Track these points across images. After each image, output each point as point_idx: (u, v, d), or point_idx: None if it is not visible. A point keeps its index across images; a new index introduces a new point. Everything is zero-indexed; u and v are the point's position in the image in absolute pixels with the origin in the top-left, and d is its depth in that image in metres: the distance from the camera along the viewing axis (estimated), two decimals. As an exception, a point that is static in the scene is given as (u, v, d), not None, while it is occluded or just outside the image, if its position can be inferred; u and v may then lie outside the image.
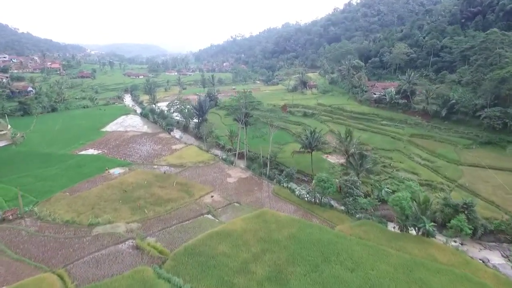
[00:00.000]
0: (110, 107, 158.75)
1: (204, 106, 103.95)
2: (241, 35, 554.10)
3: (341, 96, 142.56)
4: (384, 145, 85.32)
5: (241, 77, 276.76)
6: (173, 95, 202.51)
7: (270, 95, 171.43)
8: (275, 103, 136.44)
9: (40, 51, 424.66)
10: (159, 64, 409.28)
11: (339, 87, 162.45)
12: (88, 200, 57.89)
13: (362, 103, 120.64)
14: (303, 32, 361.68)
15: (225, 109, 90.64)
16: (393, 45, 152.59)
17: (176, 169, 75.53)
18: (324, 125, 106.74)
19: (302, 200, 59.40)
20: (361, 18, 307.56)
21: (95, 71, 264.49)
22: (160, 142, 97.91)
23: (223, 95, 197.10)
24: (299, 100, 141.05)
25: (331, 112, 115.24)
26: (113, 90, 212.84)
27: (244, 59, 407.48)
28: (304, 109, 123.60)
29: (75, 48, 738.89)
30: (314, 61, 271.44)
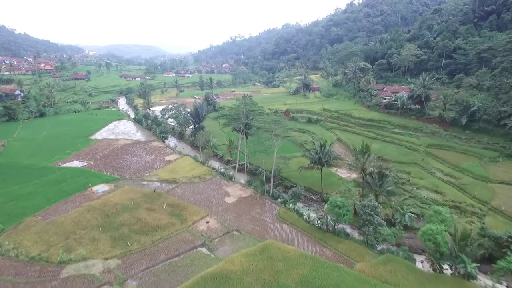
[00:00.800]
0: (102, 111, 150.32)
1: (201, 112, 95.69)
2: (241, 36, 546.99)
3: (347, 100, 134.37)
4: (399, 157, 77.02)
5: (240, 79, 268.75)
6: (170, 98, 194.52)
7: (271, 99, 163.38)
8: (276, 107, 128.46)
9: (37, 52, 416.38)
10: (157, 66, 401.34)
11: (344, 90, 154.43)
12: (63, 227, 49.48)
13: (370, 108, 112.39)
14: (304, 32, 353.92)
15: (223, 118, 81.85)
16: (401, 46, 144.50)
17: (168, 185, 67.18)
18: (330, 133, 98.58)
19: (312, 226, 51.02)
20: (364, 18, 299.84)
21: (90, 73, 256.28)
22: (152, 152, 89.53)
23: (222, 98, 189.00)
24: (302, 104, 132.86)
25: (338, 119, 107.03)
26: (108, 93, 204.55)
27: (243, 60, 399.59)
28: (308, 115, 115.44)
29: (73, 49, 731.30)
30: (316, 63, 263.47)
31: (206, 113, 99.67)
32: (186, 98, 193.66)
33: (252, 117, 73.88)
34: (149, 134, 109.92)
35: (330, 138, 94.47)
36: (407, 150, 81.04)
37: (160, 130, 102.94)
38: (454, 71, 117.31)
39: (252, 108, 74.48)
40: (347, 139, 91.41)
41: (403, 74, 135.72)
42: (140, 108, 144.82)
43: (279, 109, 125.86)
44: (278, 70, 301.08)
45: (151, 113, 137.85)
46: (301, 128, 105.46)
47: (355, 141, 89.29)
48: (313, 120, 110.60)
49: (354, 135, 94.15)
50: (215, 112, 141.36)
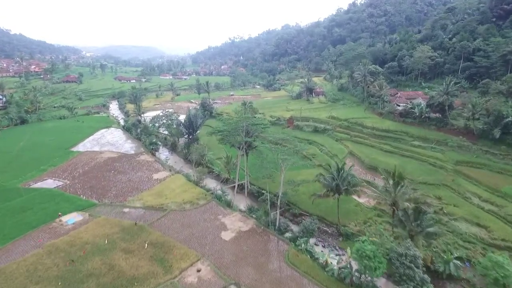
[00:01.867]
0: (90, 118, 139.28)
1: (195, 122, 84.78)
2: (240, 37, 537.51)
3: (355, 106, 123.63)
4: (423, 176, 66.19)
5: (239, 81, 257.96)
6: (165, 102, 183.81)
7: (272, 104, 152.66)
8: (279, 114, 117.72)
9: (30, 53, 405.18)
10: (153, 67, 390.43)
11: (351, 95, 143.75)
12: (11, 282, 38.52)
13: (383, 116, 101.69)
14: (305, 33, 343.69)
15: (218, 134, 70.84)
16: (413, 47, 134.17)
17: (153, 214, 56.21)
18: (341, 145, 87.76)
19: (332, 277, 40.08)
20: (367, 18, 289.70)
21: (82, 75, 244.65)
22: (139, 169, 78.50)
23: (220, 103, 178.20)
24: (307, 111, 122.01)
25: (348, 128, 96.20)
26: (100, 97, 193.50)
27: (242, 61, 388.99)
28: (314, 123, 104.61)
29: (69, 50, 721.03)
30: (318, 65, 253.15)
31: (201, 123, 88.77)
32: (182, 102, 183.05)
33: (254, 133, 62.57)
34: (138, 145, 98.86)
35: (340, 151, 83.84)
36: (431, 167, 70.26)
37: (150, 141, 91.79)
38: (474, 75, 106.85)
39: (253, 122, 62.79)
40: (360, 153, 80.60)
41: (416, 78, 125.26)
42: (132, 114, 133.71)
43: (282, 116, 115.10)
44: (279, 72, 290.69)
45: (142, 120, 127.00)
46: (307, 138, 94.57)
47: (369, 155, 78.69)
48: (320, 129, 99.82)
49: (367, 148, 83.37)
50: (212, 118, 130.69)
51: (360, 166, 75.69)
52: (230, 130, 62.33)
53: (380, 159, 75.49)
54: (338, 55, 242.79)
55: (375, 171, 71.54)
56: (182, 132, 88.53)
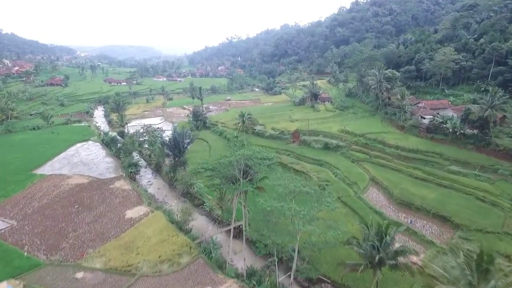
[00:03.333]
0: (68, 128, 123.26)
1: (182, 142, 68.99)
2: (237, 37, 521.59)
3: (369, 117, 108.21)
4: (473, 218, 50.79)
5: (237, 83, 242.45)
6: (156, 108, 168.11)
7: (273, 111, 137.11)
8: (282, 126, 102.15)
9: (17, 54, 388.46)
10: (148, 68, 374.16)
11: (361, 102, 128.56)
12: None
13: (406, 131, 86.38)
14: (305, 33, 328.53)
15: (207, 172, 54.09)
16: (432, 49, 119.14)
17: (117, 280, 40.65)
18: (359, 169, 72.39)
19: None
20: (372, 18, 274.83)
21: (68, 78, 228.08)
22: (111, 201, 62.78)
23: (216, 109, 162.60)
24: (313, 122, 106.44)
25: (366, 146, 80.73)
26: (85, 102, 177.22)
27: (240, 62, 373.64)
28: (324, 139, 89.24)
29: (63, 50, 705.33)
30: (320, 66, 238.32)
31: (190, 141, 72.83)
32: (175, 108, 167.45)
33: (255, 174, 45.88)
34: (117, 166, 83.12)
35: (360, 176, 68.47)
36: (480, 203, 55.01)
37: (129, 162, 75.98)
38: (509, 82, 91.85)
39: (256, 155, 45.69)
40: (385, 180, 65.26)
41: (438, 84, 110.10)
42: (115, 124, 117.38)
43: (286, 128, 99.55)
44: (279, 73, 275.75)
45: (127, 131, 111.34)
46: (318, 158, 79.23)
47: (398, 183, 63.35)
48: (332, 146, 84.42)
49: (393, 174, 68.02)
50: (205, 129, 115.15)
51: (388, 199, 60.38)
52: (222, 170, 45.51)
53: (412, 190, 60.19)
54: (343, 57, 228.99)
55: (408, 208, 56.30)
56: (167, 154, 72.71)
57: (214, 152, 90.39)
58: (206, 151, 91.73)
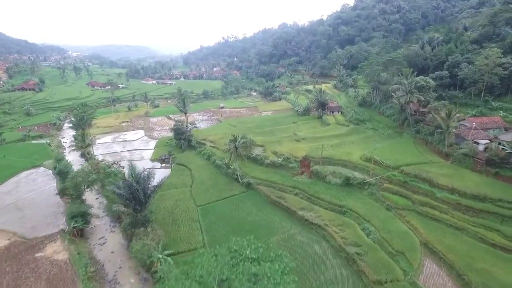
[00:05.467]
0: (21, 147, 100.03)
1: (143, 189, 46.40)
2: (234, 36, 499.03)
3: (397, 137, 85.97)
4: None
5: (232, 87, 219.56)
6: (137, 118, 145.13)
7: (273, 124, 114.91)
8: (287, 150, 79.69)
9: (10, 53, 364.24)
10: (138, 69, 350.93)
11: (380, 114, 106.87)
12: None
13: (453, 161, 64.17)
14: (306, 32, 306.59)
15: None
16: (466, 50, 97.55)
17: None
18: (402, 223, 50.36)
19: None
20: (379, 15, 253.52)
21: (44, 82, 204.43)
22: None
23: (206, 119, 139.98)
24: (324, 140, 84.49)
25: (405, 186, 58.39)
26: (56, 110, 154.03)
27: (237, 63, 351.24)
28: (344, 169, 67.03)
29: (54, 50, 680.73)
30: (324, 69, 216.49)
31: (156, 187, 49.95)
32: (160, 117, 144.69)
33: None
34: (61, 211, 60.53)
35: (406, 240, 46.32)
36: None
37: (74, 211, 53.31)
38: None
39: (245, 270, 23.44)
40: (447, 249, 43.29)
41: (479, 94, 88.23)
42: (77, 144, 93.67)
43: (291, 153, 76.88)
44: (278, 76, 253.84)
45: (93, 151, 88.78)
46: (337, 202, 57.10)
47: (469, 257, 41.41)
48: (354, 181, 62.27)
49: (456, 236, 46.04)
50: (191, 149, 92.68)
51: (454, 283, 38.47)
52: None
53: (495, 274, 38.31)
54: (349, 58, 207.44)
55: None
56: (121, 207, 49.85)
57: (198, 187, 68.36)
58: (186, 186, 69.29)
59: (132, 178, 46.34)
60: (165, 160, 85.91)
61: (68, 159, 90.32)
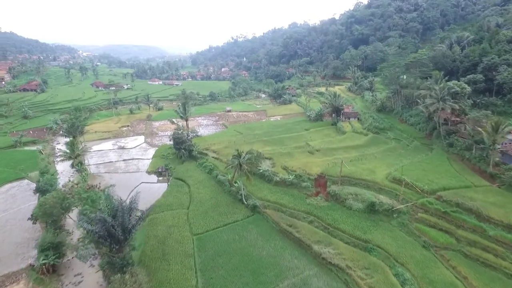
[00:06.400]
0: (10, 155, 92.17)
1: (125, 223, 37.18)
2: (243, 36, 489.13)
3: (425, 150, 74.99)
4: None
5: (240, 89, 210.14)
6: (138, 122, 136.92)
7: (283, 131, 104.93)
8: (299, 165, 69.61)
9: (20, 53, 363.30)
10: (146, 70, 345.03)
11: (402, 122, 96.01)
12: None
13: (506, 185, 53.23)
14: (318, 32, 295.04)
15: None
16: (503, 50, 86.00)
17: None
18: (445, 268, 40.05)
19: None
20: (395, 14, 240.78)
21: (46, 82, 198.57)
22: None
23: (211, 123, 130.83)
24: (340, 151, 74.44)
25: (445, 217, 47.77)
26: (56, 112, 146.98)
27: (245, 64, 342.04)
28: (367, 192, 56.77)
29: (64, 49, 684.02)
30: (337, 70, 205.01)
31: (139, 221, 40.32)
32: (162, 122, 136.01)
33: None
34: (37, 235, 51.99)
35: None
36: None
37: (42, 244, 44.16)
38: None
39: None
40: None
41: (520, 101, 76.85)
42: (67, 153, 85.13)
43: (304, 169, 66.75)
44: (288, 77, 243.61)
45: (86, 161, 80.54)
46: (361, 236, 46.99)
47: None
48: (380, 207, 52.00)
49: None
50: (191, 160, 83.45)
51: None
52: None
53: None
54: (363, 58, 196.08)
55: None
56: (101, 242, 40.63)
57: (196, 209, 59.01)
58: (183, 207, 60.01)
59: (108, 211, 37.09)
60: (162, 173, 76.92)
61: (57, 170, 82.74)
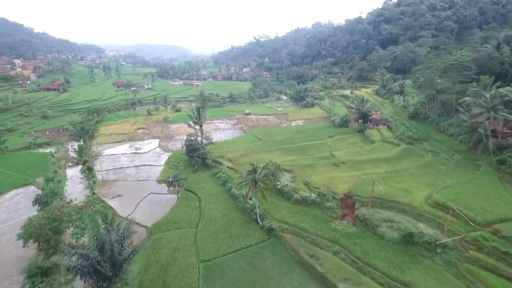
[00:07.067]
0: (22, 157, 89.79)
1: (115, 258, 31.37)
2: (266, 36, 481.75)
3: (471, 167, 65.00)
4: None
5: (261, 90, 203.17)
6: (155, 124, 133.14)
7: (305, 138, 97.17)
8: (322, 181, 61.85)
9: (32, 53, 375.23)
10: (167, 69, 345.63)
11: (439, 132, 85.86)
12: None
13: None
14: (343, 31, 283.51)
15: None
16: None
17: None
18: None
19: None
20: (428, 12, 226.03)
21: (69, 82, 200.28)
22: None
23: (229, 127, 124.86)
24: (369, 166, 66.15)
25: (505, 259, 38.91)
26: (76, 112, 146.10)
27: (267, 64, 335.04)
28: (402, 217, 48.36)
29: (92, 49, 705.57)
30: (363, 71, 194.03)
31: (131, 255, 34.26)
32: (179, 124, 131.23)
33: None
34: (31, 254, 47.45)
35: None
36: None
37: (30, 269, 39.23)
38: None
39: None
40: None
41: None
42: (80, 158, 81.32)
43: (329, 186, 58.90)
44: (310, 78, 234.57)
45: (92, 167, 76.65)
46: (397, 276, 38.84)
47: None
48: (420, 239, 43.54)
49: None
50: (205, 169, 77.60)
51: None
52: None
53: None
54: (393, 59, 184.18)
55: None
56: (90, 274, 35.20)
57: (205, 228, 52.74)
58: (191, 225, 53.88)
59: (94, 244, 31.23)
60: (173, 183, 71.43)
61: (67, 175, 79.43)
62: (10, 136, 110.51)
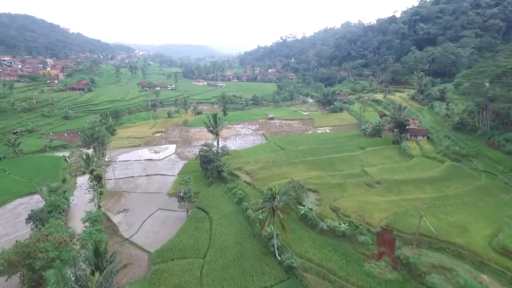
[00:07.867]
0: (35, 161, 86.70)
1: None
2: (293, 36, 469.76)
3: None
4: None
5: (286, 92, 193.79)
6: (174, 128, 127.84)
7: (333, 148, 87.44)
8: (353, 207, 52.38)
9: (64, 52, 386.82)
10: (193, 69, 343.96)
11: (492, 147, 73.36)
12: None
13: None
14: (375, 31, 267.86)
15: None
16: None
17: None
18: None
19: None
20: (470, 10, 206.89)
21: (94, 81, 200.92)
22: None
23: (250, 133, 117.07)
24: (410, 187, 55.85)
25: None
26: (96, 113, 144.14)
27: (293, 65, 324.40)
28: (457, 262, 38.35)
29: (123, 49, 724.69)
30: (397, 74, 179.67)
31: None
32: (198, 128, 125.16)
33: None
34: (19, 280, 42.01)
35: None
36: None
37: None
38: None
39: None
40: None
41: None
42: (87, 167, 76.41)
43: (362, 215, 49.38)
44: (339, 80, 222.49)
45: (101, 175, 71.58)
46: None
47: None
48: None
49: None
50: (220, 182, 70.11)
51: None
52: None
53: None
54: (431, 61, 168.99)
55: None
56: None
57: (214, 260, 45.04)
58: (198, 255, 46.38)
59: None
60: (184, 197, 64.53)
61: (77, 182, 75.09)
62: (29, 137, 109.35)
